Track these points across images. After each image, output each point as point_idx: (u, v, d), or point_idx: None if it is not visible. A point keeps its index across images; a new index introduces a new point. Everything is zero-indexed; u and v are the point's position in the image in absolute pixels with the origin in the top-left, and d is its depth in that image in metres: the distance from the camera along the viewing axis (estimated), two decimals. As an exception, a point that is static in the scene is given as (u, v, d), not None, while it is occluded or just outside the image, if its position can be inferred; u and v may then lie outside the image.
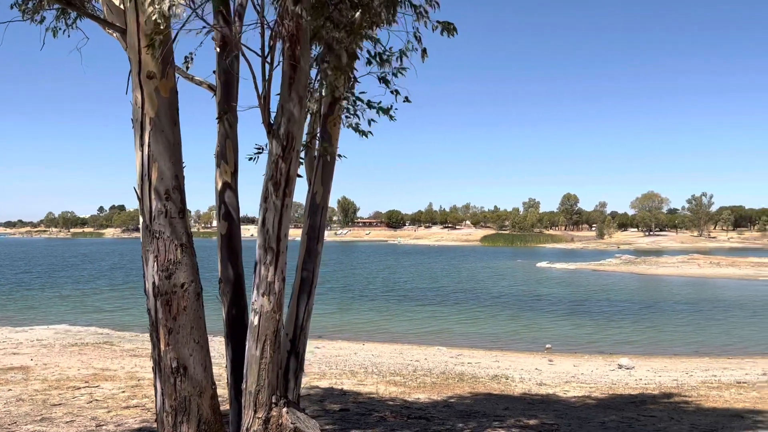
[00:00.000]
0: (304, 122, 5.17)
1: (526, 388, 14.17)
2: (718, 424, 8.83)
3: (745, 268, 64.35)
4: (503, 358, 21.14)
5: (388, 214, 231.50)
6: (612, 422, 9.09)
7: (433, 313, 34.18)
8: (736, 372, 17.93)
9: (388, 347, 23.05)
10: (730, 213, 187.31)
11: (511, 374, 17.01)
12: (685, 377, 16.95)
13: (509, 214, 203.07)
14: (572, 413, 9.98)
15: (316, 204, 6.05)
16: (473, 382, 14.98)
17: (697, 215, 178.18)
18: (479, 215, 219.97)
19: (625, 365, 18.97)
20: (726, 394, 13.20)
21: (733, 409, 10.56)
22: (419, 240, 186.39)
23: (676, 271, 64.02)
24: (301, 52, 4.76)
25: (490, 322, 31.46)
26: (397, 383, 13.70)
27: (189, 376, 4.75)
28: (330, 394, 11.14)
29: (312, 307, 5.98)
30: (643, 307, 37.15)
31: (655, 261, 75.68)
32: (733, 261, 71.86)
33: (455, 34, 5.22)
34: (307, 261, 5.94)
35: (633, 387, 14.88)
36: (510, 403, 11.18)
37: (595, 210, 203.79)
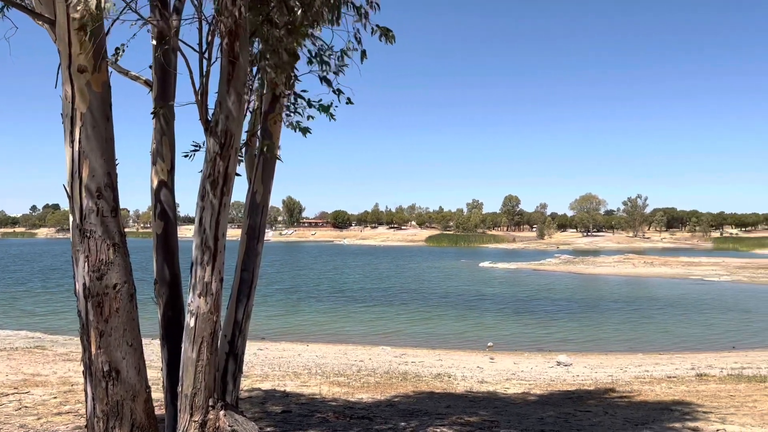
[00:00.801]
0: (243, 120, 5.09)
1: (468, 386, 14.37)
2: (649, 418, 9.17)
3: (677, 267, 67.20)
4: (446, 356, 21.39)
5: (334, 215, 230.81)
6: (550, 418, 9.32)
7: (379, 314, 34.27)
8: (667, 367, 18.69)
9: (332, 348, 22.98)
10: (663, 214, 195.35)
11: (454, 372, 17.23)
12: (619, 373, 17.54)
13: (453, 215, 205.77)
14: (512, 410, 10.19)
15: (256, 203, 5.96)
16: (416, 381, 15.09)
17: (632, 216, 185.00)
18: (424, 216, 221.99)
19: (563, 362, 19.49)
20: (657, 388, 13.73)
21: (663, 403, 10.99)
22: (365, 240, 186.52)
23: (613, 270, 66.22)
24: (240, 48, 4.68)
25: (434, 321, 31.78)
26: (341, 384, 13.66)
27: (122, 379, 4.60)
28: (272, 396, 11.01)
29: (251, 309, 5.89)
30: (581, 305, 38.27)
31: (593, 261, 78.07)
32: (665, 261, 74.90)
33: (394, 41, 5.25)
34: (247, 261, 5.84)
35: (570, 383, 15.30)
36: (452, 401, 11.31)
37: (536, 211, 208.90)
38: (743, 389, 13.11)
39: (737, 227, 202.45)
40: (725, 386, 13.81)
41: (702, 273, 59.97)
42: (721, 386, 13.85)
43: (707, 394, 12.42)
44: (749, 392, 12.49)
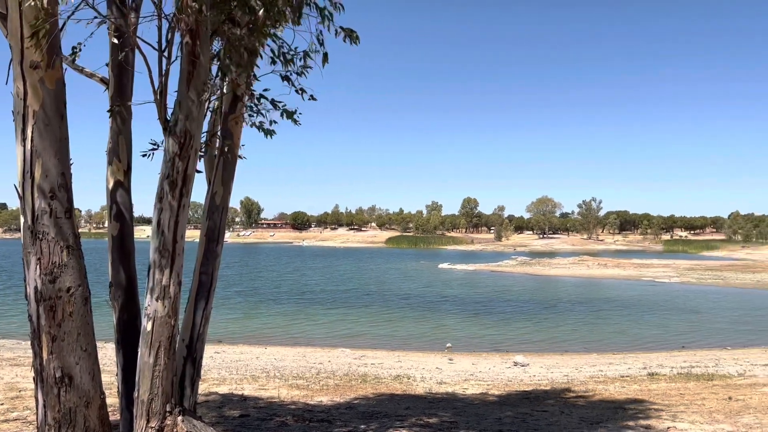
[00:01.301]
0: (203, 120, 5.01)
1: (427, 387, 14.44)
2: (604, 416, 9.38)
3: (629, 269, 68.97)
4: (405, 358, 21.46)
5: (294, 216, 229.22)
6: (507, 418, 9.44)
7: (339, 316, 34.14)
8: (620, 367, 19.14)
9: (291, 350, 22.79)
10: (616, 217, 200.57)
11: (413, 374, 17.29)
12: (575, 373, 17.88)
13: (413, 217, 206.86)
14: (470, 410, 10.29)
15: (215, 205, 5.87)
16: (376, 382, 15.09)
17: (587, 219, 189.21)
18: (384, 217, 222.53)
19: (520, 362, 19.77)
20: (611, 387, 14.06)
21: (617, 402, 11.26)
22: (325, 242, 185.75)
23: (568, 272, 67.55)
24: (201, 47, 4.61)
25: (394, 323, 31.85)
26: (300, 386, 13.56)
27: (75, 385, 4.47)
28: (229, 400, 10.86)
29: (210, 312, 5.80)
30: (537, 306, 38.92)
31: (549, 262, 79.48)
32: (618, 262, 76.80)
33: (358, 42, 5.24)
34: (206, 263, 5.75)
35: (527, 383, 15.53)
36: (412, 402, 11.35)
37: (493, 213, 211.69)
38: (692, 387, 13.54)
39: (686, 230, 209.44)
40: (675, 385, 14.25)
41: (653, 274, 61.69)
42: (672, 385, 14.28)
43: (658, 392, 12.79)
44: (698, 390, 12.91)
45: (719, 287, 51.27)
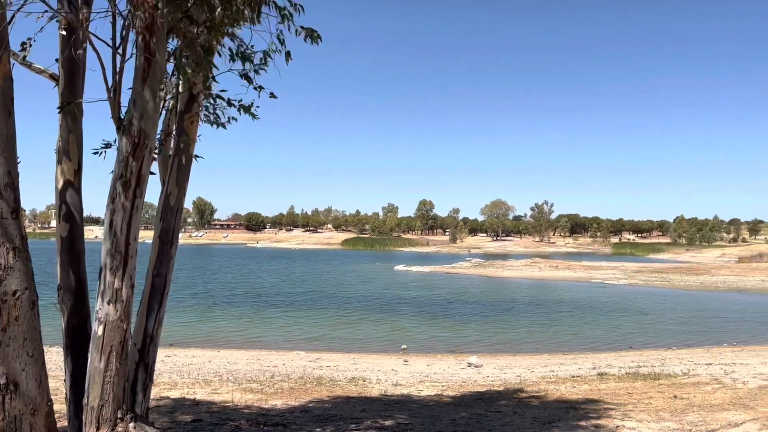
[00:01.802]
0: (158, 119, 4.90)
1: (382, 389, 14.47)
2: (555, 416, 9.58)
3: (579, 271, 70.63)
4: (361, 360, 21.44)
5: (248, 217, 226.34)
6: (462, 419, 9.54)
7: (294, 318, 33.87)
8: (571, 367, 19.57)
9: (245, 354, 22.49)
10: (567, 220, 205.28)
11: (369, 376, 17.29)
12: (527, 373, 18.19)
13: (370, 219, 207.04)
14: (426, 412, 10.35)
15: (170, 205, 5.75)
16: (331, 385, 15.03)
17: (539, 222, 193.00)
18: (341, 219, 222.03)
19: (474, 363, 20.00)
20: (562, 387, 14.36)
21: (568, 401, 11.51)
22: (280, 243, 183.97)
23: (520, 273, 68.71)
24: (157, 44, 4.51)
25: (349, 325, 31.80)
26: (254, 390, 13.40)
27: (21, 392, 4.30)
28: (181, 404, 10.64)
29: (164, 315, 5.67)
30: (491, 307, 39.46)
31: (502, 264, 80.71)
32: (569, 265, 78.56)
33: (320, 42, 5.22)
34: (159, 266, 5.62)
35: (481, 384, 15.73)
36: (367, 404, 11.35)
37: (449, 216, 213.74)
38: (639, 387, 13.95)
39: (634, 233, 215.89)
40: (624, 384, 14.65)
41: (602, 276, 63.34)
42: (620, 384, 14.68)
43: (608, 392, 13.13)
44: (645, 389, 13.31)
45: (665, 289, 53.00)
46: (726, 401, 11.03)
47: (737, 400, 11.10)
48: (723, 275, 62.91)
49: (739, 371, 16.67)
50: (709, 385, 14.04)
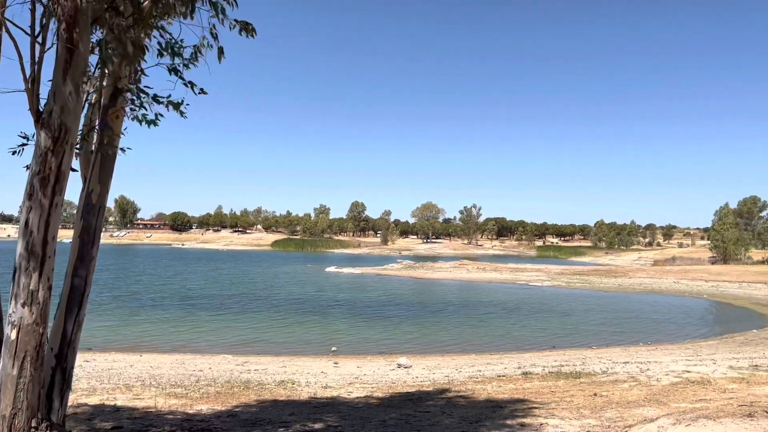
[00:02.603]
0: (80, 112, 4.67)
1: (312, 392, 14.35)
2: (482, 415, 9.77)
3: (505, 273, 72.49)
4: (290, 363, 21.20)
5: (173, 216, 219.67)
6: (392, 420, 9.58)
7: (221, 321, 33.12)
8: (497, 367, 20.03)
9: (169, 357, 21.80)
10: (494, 224, 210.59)
11: (298, 379, 17.12)
12: (455, 373, 18.49)
13: (301, 220, 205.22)
14: (355, 414, 10.33)
15: (91, 204, 5.49)
16: (259, 389, 14.79)
17: (467, 225, 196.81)
18: (271, 220, 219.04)
19: (403, 364, 20.15)
20: (489, 387, 14.67)
21: (495, 401, 11.77)
22: (207, 244, 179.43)
23: (449, 275, 69.84)
24: (80, 35, 4.29)
25: (279, 327, 31.39)
26: (178, 395, 13.00)
27: None
28: (101, 411, 10.19)
29: (83, 318, 5.40)
30: (421, 309, 39.93)
31: (432, 266, 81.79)
32: (495, 267, 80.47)
33: (255, 35, 5.12)
34: (80, 267, 5.35)
35: (410, 385, 15.85)
36: (296, 408, 11.22)
37: (380, 218, 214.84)
38: (562, 385, 14.44)
39: (557, 237, 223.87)
40: (547, 383, 15.13)
41: (527, 278, 65.27)
42: (544, 383, 15.15)
43: (532, 390, 13.51)
44: (567, 388, 13.79)
45: (586, 290, 55.16)
46: (641, 398, 11.58)
47: (652, 397, 11.67)
48: (639, 278, 66.08)
49: (653, 369, 17.54)
50: (627, 382, 14.70)
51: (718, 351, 23.45)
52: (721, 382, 13.85)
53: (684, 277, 63.88)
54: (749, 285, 56.14)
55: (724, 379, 14.69)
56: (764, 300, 45.70)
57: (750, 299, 46.59)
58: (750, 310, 40.72)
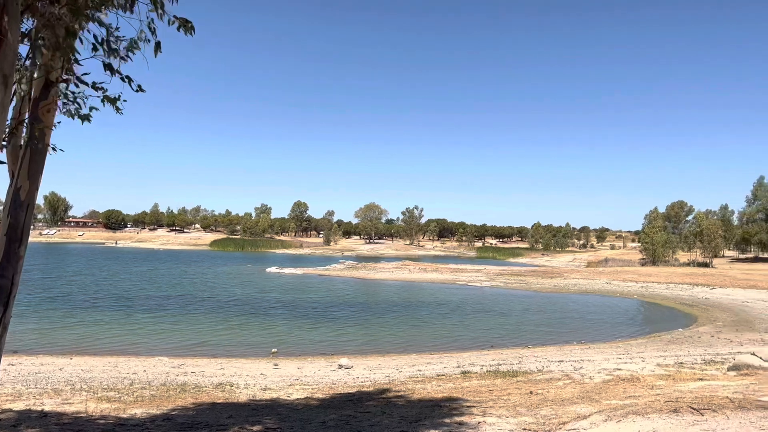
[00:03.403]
0: (8, 105, 4.44)
1: (251, 394, 14.16)
2: (422, 415, 9.86)
3: (446, 273, 73.46)
4: (229, 365, 20.85)
5: (107, 214, 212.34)
6: (332, 421, 9.55)
7: (157, 322, 32.21)
8: (437, 366, 20.28)
9: (101, 360, 21.06)
10: (436, 225, 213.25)
11: (237, 381, 16.87)
12: (396, 373, 18.61)
13: (241, 219, 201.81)
14: (295, 415, 10.25)
15: (19, 200, 5.23)
16: (196, 391, 14.48)
17: (410, 226, 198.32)
18: (210, 219, 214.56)
19: (345, 365, 20.14)
20: (429, 386, 14.83)
21: (434, 400, 11.90)
22: (142, 243, 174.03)
23: (391, 276, 70.23)
24: (9, 23, 4.09)
25: (217, 328, 30.78)
26: (111, 399, 12.58)
27: None
28: (27, 417, 9.74)
29: (9, 320, 5.15)
30: (363, 309, 39.97)
31: (374, 267, 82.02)
32: (436, 267, 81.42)
33: (193, 33, 5.00)
34: (6, 266, 5.09)
35: (351, 385, 15.85)
36: (234, 410, 11.04)
37: (323, 218, 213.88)
38: (500, 384, 14.74)
39: (496, 238, 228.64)
40: (485, 382, 15.41)
41: (467, 279, 66.34)
42: (482, 382, 15.43)
43: (470, 389, 13.74)
44: (504, 386, 14.09)
45: (523, 291, 56.54)
46: (575, 395, 11.95)
47: (585, 394, 12.06)
48: (574, 278, 68.20)
49: (586, 367, 18.14)
50: (561, 380, 15.14)
51: (646, 349, 24.47)
52: (650, 379, 14.45)
53: (616, 278, 66.31)
54: (676, 286, 58.83)
55: (652, 376, 15.33)
56: (689, 300, 47.97)
57: (677, 299, 48.82)
58: (676, 310, 42.69)
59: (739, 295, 49.93)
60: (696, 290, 54.88)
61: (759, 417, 5.41)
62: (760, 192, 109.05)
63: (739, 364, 15.54)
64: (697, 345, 25.78)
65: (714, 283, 59.82)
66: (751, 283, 58.89)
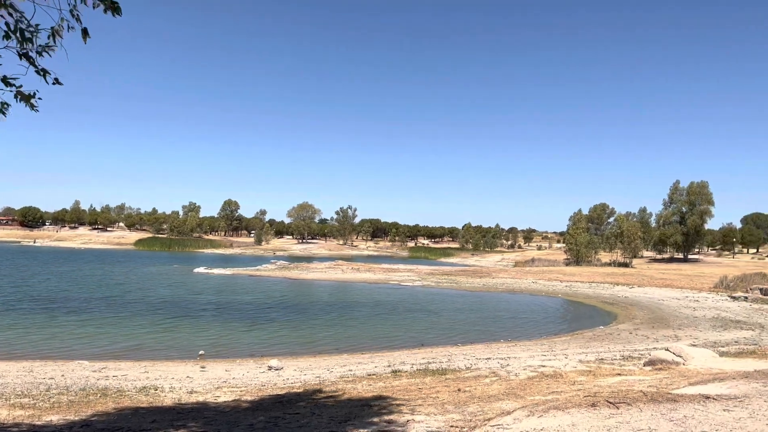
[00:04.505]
0: None
1: (176, 398, 13.78)
2: (352, 414, 9.87)
3: (379, 273, 73.81)
4: (153, 368, 20.20)
5: (23, 211, 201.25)
6: (260, 423, 9.41)
7: (75, 325, 30.79)
8: (368, 366, 20.34)
9: (14, 365, 19.95)
10: (369, 225, 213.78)
11: (162, 384, 16.38)
12: (326, 374, 18.55)
13: (168, 217, 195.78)
14: (222, 418, 10.05)
15: None
16: (118, 396, 13.97)
17: (343, 226, 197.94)
18: (135, 217, 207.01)
19: (274, 366, 19.90)
20: (359, 386, 14.86)
21: (364, 399, 11.93)
22: (62, 242, 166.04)
23: (324, 276, 69.92)
24: None
25: (141, 330, 29.74)
26: (25, 406, 11.95)
27: None
28: (-70, 428, 9.11)
29: None
30: (294, 309, 39.60)
31: (307, 267, 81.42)
32: (369, 267, 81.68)
33: (120, 14, 4.80)
34: None
35: (281, 387, 15.69)
36: (158, 415, 10.71)
37: (255, 217, 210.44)
38: (429, 382, 14.94)
39: (428, 238, 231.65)
40: (415, 380, 15.59)
41: (399, 278, 66.89)
42: (412, 380, 15.59)
43: (400, 388, 13.86)
44: (433, 384, 14.29)
45: (453, 290, 57.51)
46: (501, 392, 12.26)
47: (510, 391, 12.39)
48: (502, 278, 69.96)
49: (512, 364, 18.64)
50: (488, 377, 15.50)
51: (570, 346, 25.40)
52: (572, 375, 15.01)
53: (542, 278, 68.48)
54: (598, 285, 61.35)
55: (574, 372, 15.93)
56: (610, 299, 50.12)
57: (598, 298, 50.90)
58: (598, 308, 44.52)
59: (655, 294, 52.59)
60: (617, 289, 57.40)
61: (669, 409, 5.71)
62: (675, 196, 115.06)
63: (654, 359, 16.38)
64: (617, 342, 26.98)
65: (633, 282, 62.76)
66: (667, 282, 62.16)
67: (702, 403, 5.94)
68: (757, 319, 35.89)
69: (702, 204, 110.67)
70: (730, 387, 6.99)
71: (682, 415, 5.39)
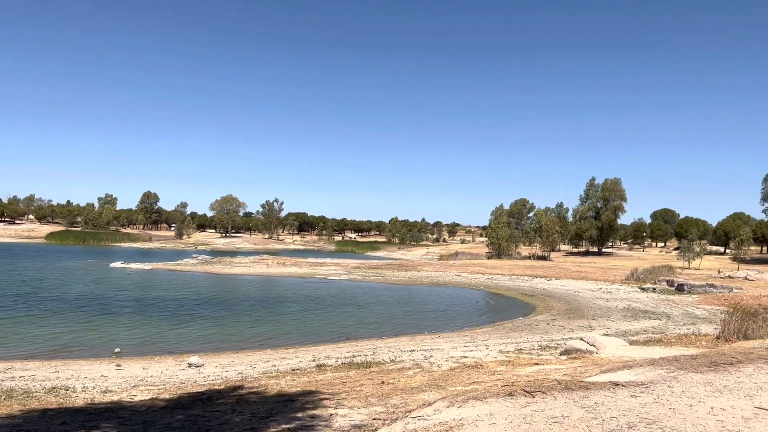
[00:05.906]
0: None
1: (89, 398, 13.20)
2: (274, 410, 9.73)
3: (305, 267, 73.26)
4: (64, 367, 19.23)
5: None
6: (178, 422, 9.14)
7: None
8: (292, 361, 20.15)
9: None
10: (296, 219, 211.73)
11: (73, 384, 15.63)
12: (249, 370, 18.23)
13: (82, 210, 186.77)
14: (137, 418, 9.69)
15: None
16: (25, 397, 13.21)
17: (269, 219, 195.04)
18: (46, 209, 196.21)
19: (194, 363, 19.37)
20: (283, 381, 14.69)
21: (287, 394, 11.80)
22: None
23: (248, 270, 68.72)
24: None
25: (52, 328, 28.22)
26: None
27: None
28: None
29: None
30: (216, 305, 38.68)
31: (230, 261, 79.77)
32: (295, 261, 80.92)
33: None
34: None
35: (201, 384, 15.30)
36: (69, 416, 10.20)
37: (175, 210, 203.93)
38: (353, 375, 14.97)
39: (356, 232, 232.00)
40: (340, 374, 15.57)
41: (326, 272, 66.64)
42: (336, 374, 15.57)
43: (324, 382, 13.81)
44: (358, 377, 14.32)
45: (379, 283, 57.88)
46: (424, 383, 12.43)
47: (433, 382, 12.58)
48: (427, 271, 71.01)
49: (435, 356, 18.94)
50: (412, 369, 15.69)
51: (491, 337, 26.09)
52: (492, 365, 15.41)
53: (465, 271, 70.01)
54: (518, 277, 63.34)
55: (494, 362, 16.36)
56: (529, 291, 51.86)
57: (518, 290, 52.56)
58: (518, 300, 45.96)
59: (572, 286, 54.84)
60: (535, 281, 59.46)
61: (581, 396, 5.94)
62: (591, 192, 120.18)
63: (569, 348, 17.06)
64: (535, 332, 27.93)
65: (551, 275, 65.20)
66: (582, 275, 64.97)
67: (612, 390, 6.21)
68: (663, 309, 38.08)
69: (615, 200, 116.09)
70: (638, 374, 7.35)
71: (593, 402, 5.61)
